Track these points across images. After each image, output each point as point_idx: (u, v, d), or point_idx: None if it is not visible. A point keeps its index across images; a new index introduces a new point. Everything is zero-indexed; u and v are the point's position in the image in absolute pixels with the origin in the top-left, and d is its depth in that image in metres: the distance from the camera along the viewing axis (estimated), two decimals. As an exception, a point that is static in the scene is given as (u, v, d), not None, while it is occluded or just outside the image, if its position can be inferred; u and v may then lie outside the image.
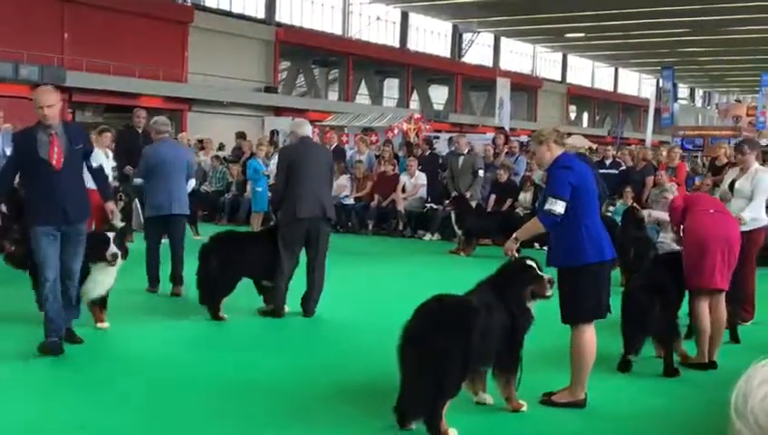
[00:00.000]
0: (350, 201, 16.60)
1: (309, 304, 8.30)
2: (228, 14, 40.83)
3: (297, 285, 8.34)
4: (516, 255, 5.56)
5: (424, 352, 4.75)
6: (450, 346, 4.75)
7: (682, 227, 7.05)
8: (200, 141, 20.79)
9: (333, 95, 49.31)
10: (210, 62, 37.53)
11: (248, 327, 7.94)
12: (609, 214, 13.93)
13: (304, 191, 8.14)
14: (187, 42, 37.58)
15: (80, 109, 33.58)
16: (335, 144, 18.24)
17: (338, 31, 47.09)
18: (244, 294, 8.33)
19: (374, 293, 9.91)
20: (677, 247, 7.16)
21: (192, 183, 10.01)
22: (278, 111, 39.24)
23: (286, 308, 8.24)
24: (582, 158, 13.97)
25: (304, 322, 8.18)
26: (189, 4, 38.37)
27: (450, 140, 19.11)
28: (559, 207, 5.28)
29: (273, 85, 42.46)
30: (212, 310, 7.99)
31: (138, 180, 9.65)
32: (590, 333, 5.50)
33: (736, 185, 7.62)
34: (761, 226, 7.83)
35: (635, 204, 12.54)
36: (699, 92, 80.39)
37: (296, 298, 8.30)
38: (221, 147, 23.30)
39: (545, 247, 6.35)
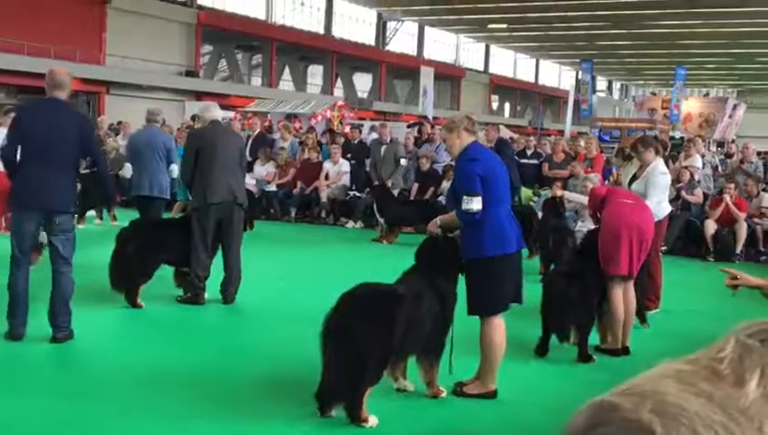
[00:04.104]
0: (273, 188, 16.48)
1: (228, 291, 8.21)
2: (148, -5, 39.87)
3: (216, 271, 8.24)
4: (439, 232, 5.62)
5: (345, 340, 4.76)
6: (371, 335, 4.77)
7: (598, 214, 7.24)
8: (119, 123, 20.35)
9: (257, 81, 48.67)
10: (129, 44, 36.57)
11: (167, 315, 7.81)
12: (534, 202, 14.14)
13: (214, 176, 8.05)
14: (105, 22, 36.53)
15: (-8, 90, 32.44)
16: (258, 131, 18.02)
17: (261, 15, 46.46)
18: (163, 281, 8.19)
19: (296, 280, 9.86)
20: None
21: (175, 169, 10.06)
22: (199, 96, 38.40)
23: (205, 295, 8.15)
24: (505, 144, 14.22)
25: (224, 309, 8.09)
26: (107, -16, 37.33)
27: (372, 128, 19.11)
28: (476, 204, 5.21)
29: (195, 69, 41.68)
30: (130, 297, 7.82)
31: (128, 167, 10.13)
32: (498, 324, 5.45)
33: (633, 186, 7.85)
34: (660, 219, 8.08)
35: (558, 191, 12.64)
36: (617, 85, 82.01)
37: (215, 285, 8.20)
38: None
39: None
